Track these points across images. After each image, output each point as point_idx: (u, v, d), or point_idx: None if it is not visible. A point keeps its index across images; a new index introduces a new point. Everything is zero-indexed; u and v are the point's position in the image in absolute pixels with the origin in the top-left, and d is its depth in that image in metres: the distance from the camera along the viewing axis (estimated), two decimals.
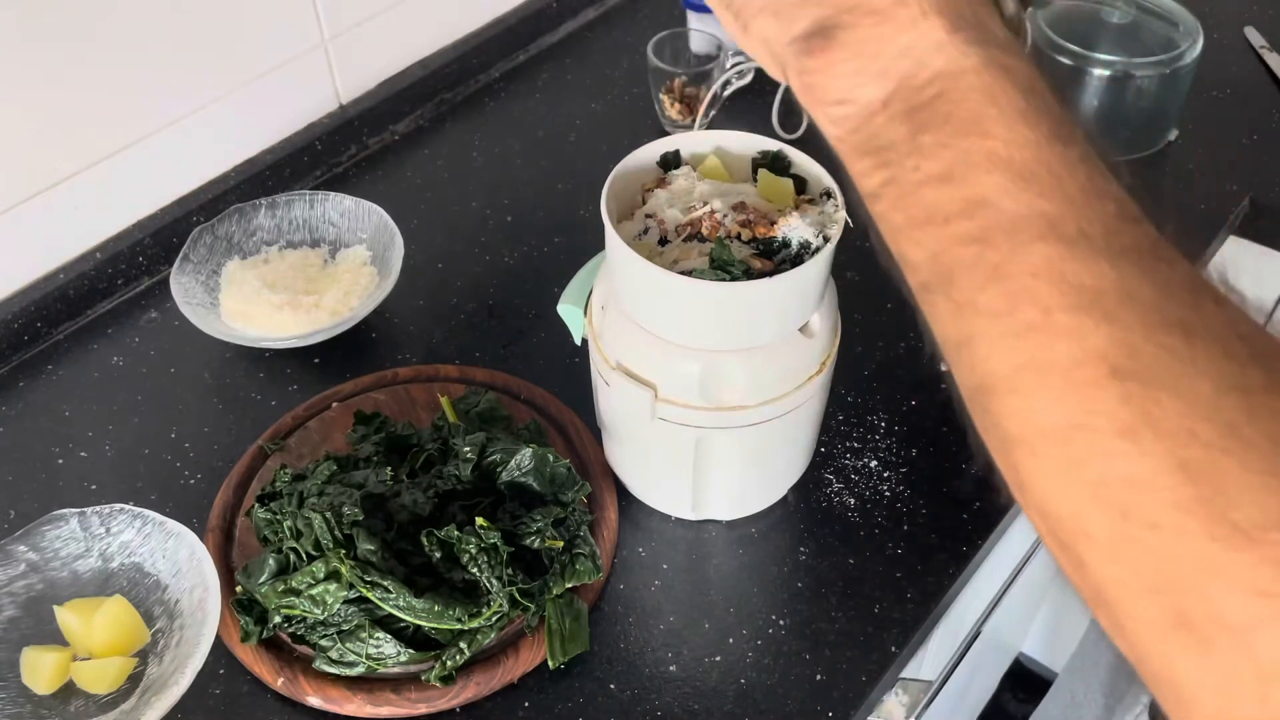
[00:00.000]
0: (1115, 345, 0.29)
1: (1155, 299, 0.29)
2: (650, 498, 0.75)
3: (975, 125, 0.32)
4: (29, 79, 0.79)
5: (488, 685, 0.65)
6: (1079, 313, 0.29)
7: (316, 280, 0.88)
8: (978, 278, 0.31)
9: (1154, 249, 0.31)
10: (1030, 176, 0.31)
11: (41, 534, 0.69)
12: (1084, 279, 0.30)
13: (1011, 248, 0.31)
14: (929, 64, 0.34)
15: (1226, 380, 0.27)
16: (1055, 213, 0.31)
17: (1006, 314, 0.31)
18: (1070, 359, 0.29)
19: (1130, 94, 0.97)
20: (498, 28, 1.12)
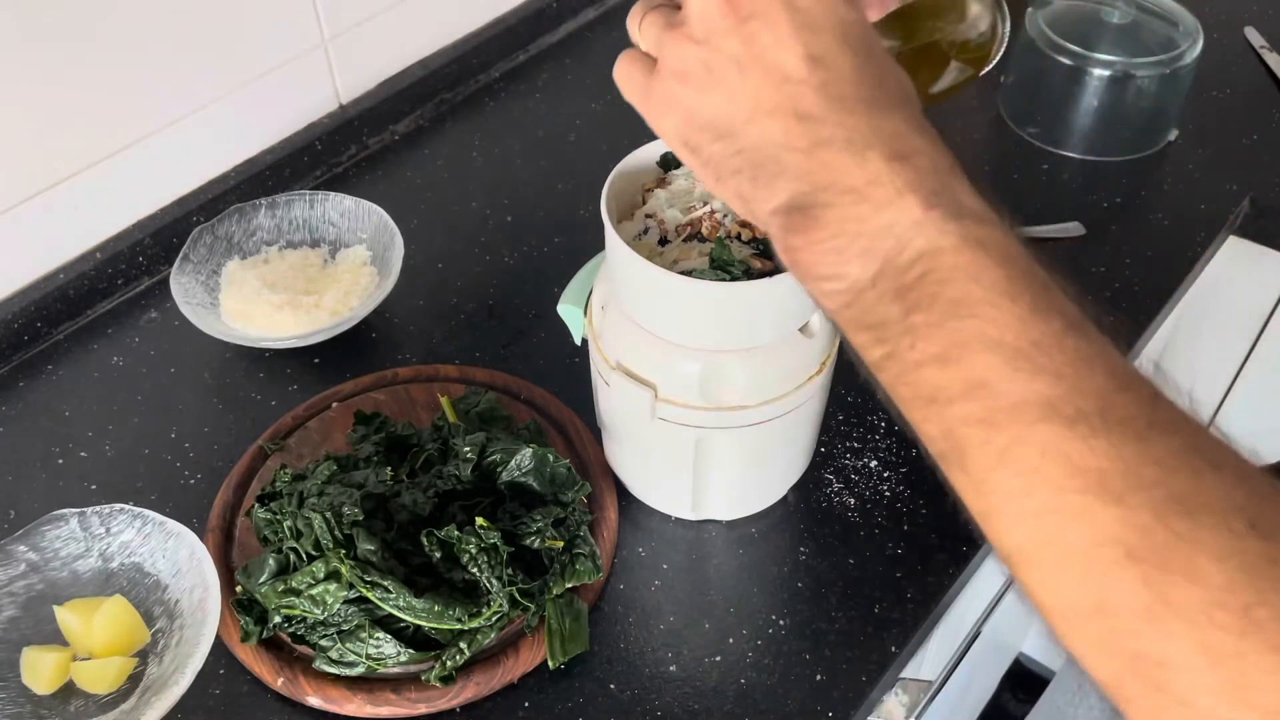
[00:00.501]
0: (1127, 529, 0.31)
1: (1157, 476, 0.31)
2: (650, 498, 0.75)
3: (963, 305, 0.34)
4: (29, 79, 0.79)
5: (488, 685, 0.65)
6: (1088, 494, 0.32)
7: (316, 280, 0.88)
8: (988, 459, 0.34)
9: (1148, 415, 0.33)
10: (1022, 356, 0.33)
11: (41, 534, 0.69)
12: (1088, 460, 0.32)
13: (1016, 430, 0.33)
14: (910, 242, 0.36)
15: (1233, 561, 0.30)
16: (1051, 393, 0.33)
17: (1021, 495, 0.33)
18: (1087, 541, 0.31)
19: (1130, 94, 0.97)
20: (498, 28, 1.12)
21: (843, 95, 0.38)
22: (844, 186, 0.37)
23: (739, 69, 0.40)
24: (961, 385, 0.34)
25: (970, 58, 0.58)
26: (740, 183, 0.40)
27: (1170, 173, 0.99)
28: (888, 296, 0.36)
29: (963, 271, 0.35)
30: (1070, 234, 0.93)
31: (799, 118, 0.38)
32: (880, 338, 0.37)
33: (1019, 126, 1.04)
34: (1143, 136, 1.01)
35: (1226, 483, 0.31)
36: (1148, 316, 0.86)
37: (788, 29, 0.39)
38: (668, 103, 0.42)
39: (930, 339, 0.35)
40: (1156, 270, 0.90)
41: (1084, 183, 0.99)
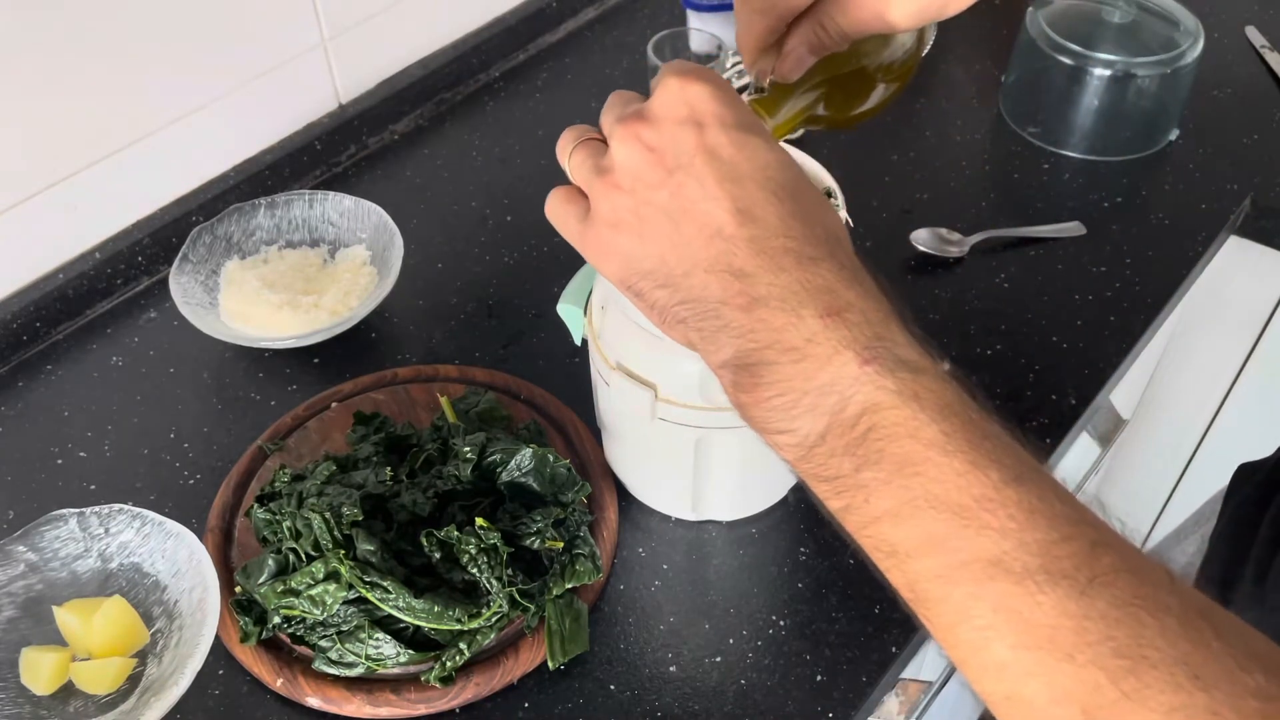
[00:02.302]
0: (1081, 686, 0.32)
1: (1102, 632, 0.32)
2: (650, 498, 0.75)
3: (908, 464, 0.36)
4: (28, 78, 0.79)
5: (487, 686, 0.65)
6: (1040, 651, 0.33)
7: (316, 280, 0.88)
8: (950, 614, 0.35)
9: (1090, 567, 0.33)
10: (967, 514, 0.35)
11: (40, 534, 0.69)
12: (1037, 616, 0.33)
13: (970, 588, 0.34)
14: (852, 398, 0.37)
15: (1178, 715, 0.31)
16: (997, 550, 0.34)
17: (982, 649, 0.35)
18: (1045, 699, 0.33)
19: (1131, 94, 0.97)
20: (498, 28, 1.12)
21: (772, 249, 0.39)
22: (784, 345, 0.38)
23: (671, 221, 0.41)
24: (915, 542, 0.36)
25: (895, 76, 0.59)
26: (688, 332, 0.42)
27: (1170, 173, 0.99)
28: (838, 452, 0.37)
29: (902, 428, 0.36)
30: (1070, 234, 0.93)
31: (734, 275, 0.40)
32: (837, 491, 0.38)
33: (1019, 126, 1.04)
34: (1143, 136, 1.01)
35: (1169, 633, 0.32)
36: (1148, 316, 0.86)
37: (713, 181, 0.40)
38: (605, 249, 0.43)
39: (882, 495, 0.36)
40: (1156, 270, 0.90)
41: (1084, 183, 0.99)
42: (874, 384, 0.37)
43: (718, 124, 0.41)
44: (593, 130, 0.46)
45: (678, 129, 0.41)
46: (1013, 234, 0.92)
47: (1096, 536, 0.35)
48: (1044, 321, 0.86)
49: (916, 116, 1.06)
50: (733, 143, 0.41)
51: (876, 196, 0.97)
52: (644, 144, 0.42)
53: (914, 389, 0.37)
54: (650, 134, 0.42)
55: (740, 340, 0.40)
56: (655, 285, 0.42)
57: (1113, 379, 0.83)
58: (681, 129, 0.41)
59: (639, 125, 0.42)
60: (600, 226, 0.44)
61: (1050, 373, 0.82)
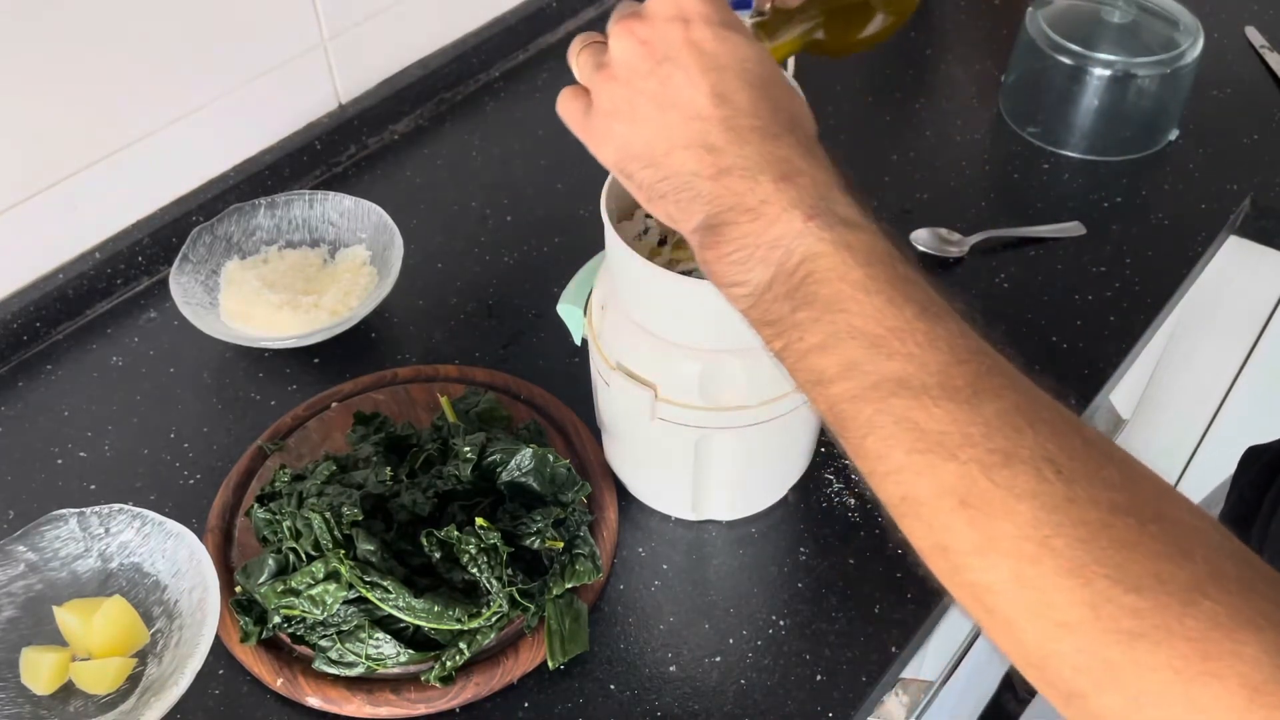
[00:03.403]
0: (960, 480, 0.37)
1: (983, 434, 0.38)
2: (650, 498, 0.75)
3: (835, 302, 0.41)
4: (28, 78, 0.79)
5: (487, 686, 0.65)
6: (930, 454, 0.38)
7: (316, 280, 0.88)
8: (860, 428, 0.40)
9: (978, 384, 0.39)
10: (881, 342, 0.40)
11: (41, 534, 0.69)
12: (930, 424, 0.38)
13: (877, 404, 0.40)
14: (795, 250, 0.42)
15: (1038, 500, 0.36)
16: (903, 371, 0.39)
17: (883, 457, 0.40)
18: (930, 493, 0.38)
19: (1130, 94, 0.97)
20: (498, 28, 1.12)
21: (741, 127, 0.45)
22: (743, 207, 0.44)
23: (658, 106, 0.46)
24: (837, 368, 0.41)
25: (894, 8, 0.60)
26: (667, 205, 0.47)
27: (1170, 173, 0.99)
28: (780, 297, 0.43)
29: (834, 273, 0.41)
30: (1070, 234, 0.93)
31: (707, 149, 0.45)
32: (777, 333, 0.43)
33: (1019, 126, 1.04)
34: (1143, 136, 1.01)
35: (1040, 436, 0.37)
36: (1148, 316, 0.86)
37: (696, 70, 0.45)
38: (603, 135, 0.49)
39: (812, 331, 0.42)
40: (1156, 270, 0.90)
41: (1084, 183, 0.99)
42: (814, 236, 0.42)
43: (702, 20, 0.46)
44: (599, 35, 0.51)
45: (666, 25, 0.46)
46: (1013, 234, 0.92)
47: (989, 362, 0.40)
48: (1044, 321, 0.86)
49: (916, 116, 1.06)
50: (715, 37, 0.46)
51: (876, 196, 0.97)
52: (637, 38, 0.47)
53: (847, 240, 0.42)
54: (642, 29, 0.47)
55: (709, 205, 0.45)
56: (643, 165, 0.47)
57: (1113, 379, 0.83)
58: (670, 25, 0.46)
59: (633, 22, 0.47)
60: (599, 116, 0.48)
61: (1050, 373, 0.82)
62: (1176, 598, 0.33)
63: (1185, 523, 0.36)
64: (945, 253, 0.91)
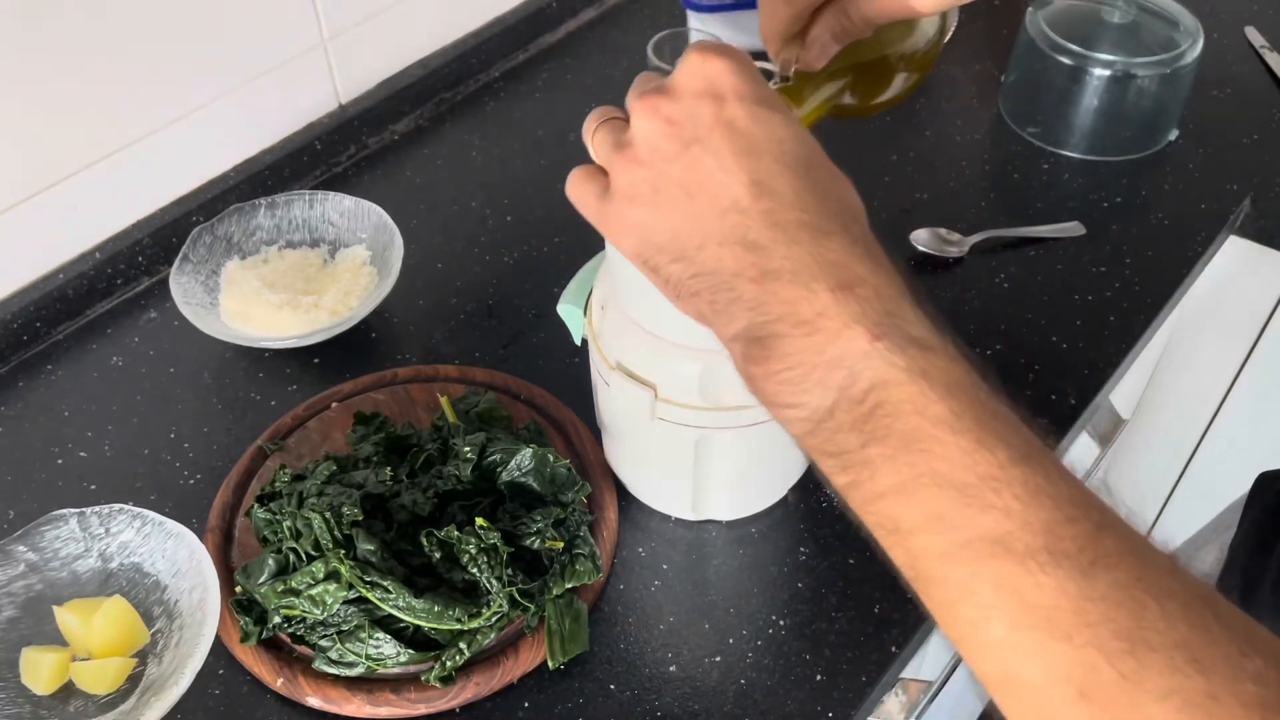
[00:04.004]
0: (1077, 667, 0.32)
1: (1103, 613, 0.32)
2: (650, 498, 0.75)
3: (914, 440, 0.36)
4: (27, 78, 0.79)
5: (487, 686, 0.65)
6: (1039, 631, 0.33)
7: (316, 280, 0.88)
8: (950, 592, 0.35)
9: (1093, 549, 0.34)
10: (971, 491, 0.35)
11: (41, 534, 0.69)
12: (1037, 597, 0.33)
13: (971, 566, 0.34)
14: (861, 374, 0.37)
15: (1175, 699, 0.31)
16: (1000, 529, 0.34)
17: (980, 627, 0.35)
18: (1042, 678, 0.33)
19: (1130, 94, 0.97)
20: (498, 28, 1.12)
21: (786, 223, 0.40)
22: (795, 319, 0.39)
23: (686, 194, 0.41)
24: (919, 519, 0.36)
25: (917, 64, 0.59)
26: (700, 305, 0.42)
27: (1170, 173, 0.99)
28: (845, 427, 0.38)
29: (910, 405, 0.36)
30: (1070, 234, 0.93)
31: (748, 247, 0.40)
32: (843, 466, 0.38)
33: (1019, 126, 1.04)
34: (1143, 136, 1.01)
35: (1170, 616, 0.32)
36: (1148, 316, 0.86)
37: (729, 155, 0.40)
38: (622, 223, 0.44)
39: (887, 472, 0.36)
40: (1156, 270, 0.90)
41: (1084, 183, 0.99)
42: (883, 360, 0.37)
43: (736, 98, 0.41)
44: (618, 110, 0.47)
45: (695, 102, 0.42)
46: (1012, 234, 0.92)
47: (1101, 519, 0.35)
48: (1044, 321, 0.86)
49: (916, 116, 1.06)
50: (750, 116, 0.41)
51: (876, 196, 0.97)
52: (662, 117, 0.42)
53: (923, 366, 0.37)
54: (669, 107, 0.42)
55: (752, 313, 0.40)
56: (670, 259, 0.42)
57: (1113, 379, 0.83)
58: (699, 102, 0.41)
59: (658, 99, 0.43)
60: (618, 201, 0.44)
61: (1050, 373, 0.82)
62: None
63: None
64: (945, 253, 0.91)
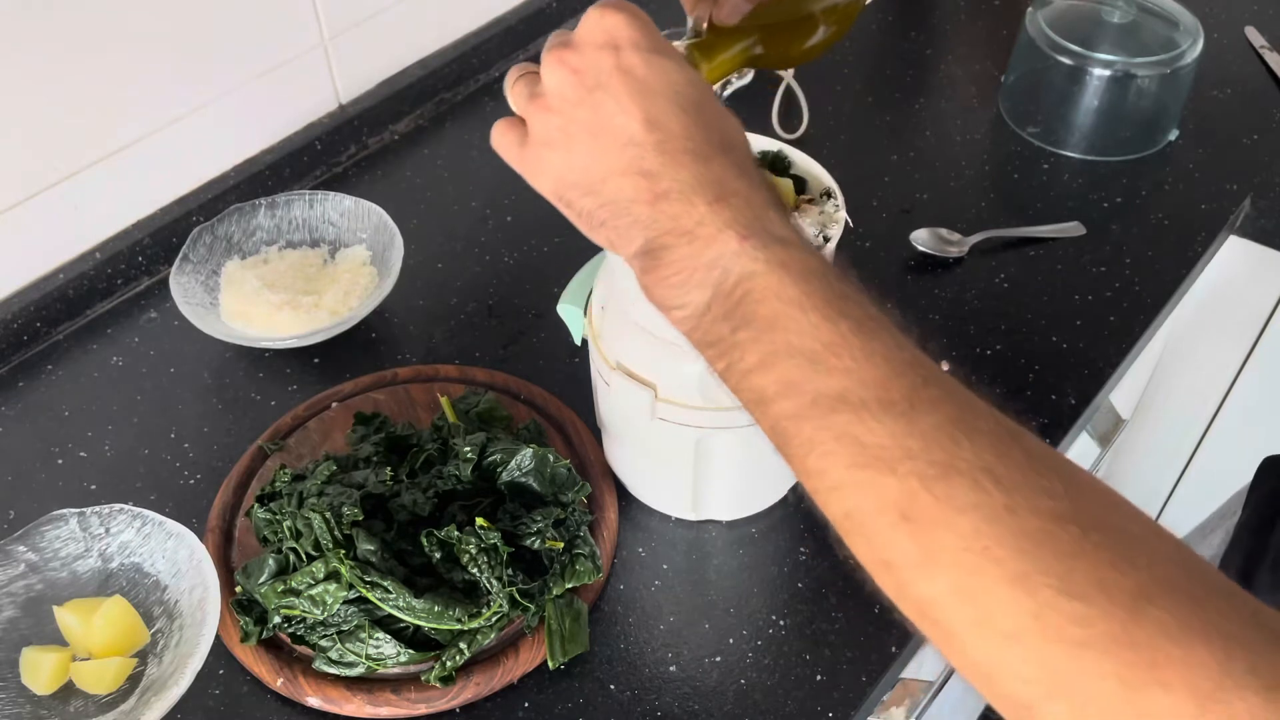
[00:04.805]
0: (901, 495, 0.37)
1: (920, 448, 0.37)
2: (650, 498, 0.75)
3: (773, 321, 0.41)
4: (28, 78, 0.79)
5: (487, 686, 0.65)
6: (869, 469, 0.38)
7: (316, 280, 0.88)
8: (802, 446, 0.40)
9: (914, 396, 0.39)
10: (817, 358, 0.40)
11: (41, 534, 0.69)
12: (869, 439, 0.38)
13: (817, 420, 0.40)
14: (732, 270, 0.43)
15: (978, 512, 0.36)
16: (840, 386, 0.39)
17: (825, 473, 0.40)
18: (872, 506, 0.38)
19: (1130, 94, 0.97)
20: (498, 28, 1.12)
21: (675, 150, 0.45)
22: (679, 230, 0.44)
23: (591, 135, 0.46)
24: (777, 386, 0.41)
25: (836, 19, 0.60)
26: (608, 232, 0.47)
27: (1170, 173, 0.99)
28: (719, 317, 0.43)
29: (770, 291, 0.42)
30: (1070, 234, 0.93)
31: (643, 175, 0.45)
32: (719, 353, 0.43)
33: (1019, 126, 1.04)
34: (1143, 136, 1.01)
35: (979, 447, 0.37)
36: (1148, 316, 0.86)
37: (627, 97, 0.45)
38: (539, 166, 0.49)
39: (752, 351, 0.42)
40: (1156, 270, 0.90)
41: (1084, 183, 0.99)
42: (750, 256, 0.42)
43: (632, 47, 0.46)
44: (532, 65, 0.51)
45: (597, 53, 0.46)
46: (1012, 234, 0.92)
47: (925, 374, 0.40)
48: (1044, 321, 0.86)
49: (916, 116, 1.06)
50: (645, 63, 0.46)
51: (876, 196, 0.97)
52: (568, 67, 0.47)
53: (782, 258, 0.42)
54: (573, 58, 0.47)
55: (646, 230, 0.45)
56: (581, 194, 0.48)
57: (1113, 379, 0.83)
58: (600, 52, 0.46)
59: (564, 51, 0.47)
60: (535, 146, 0.49)
61: (1050, 373, 0.82)
62: (1123, 606, 0.33)
63: (1131, 531, 0.36)
64: (945, 253, 0.91)
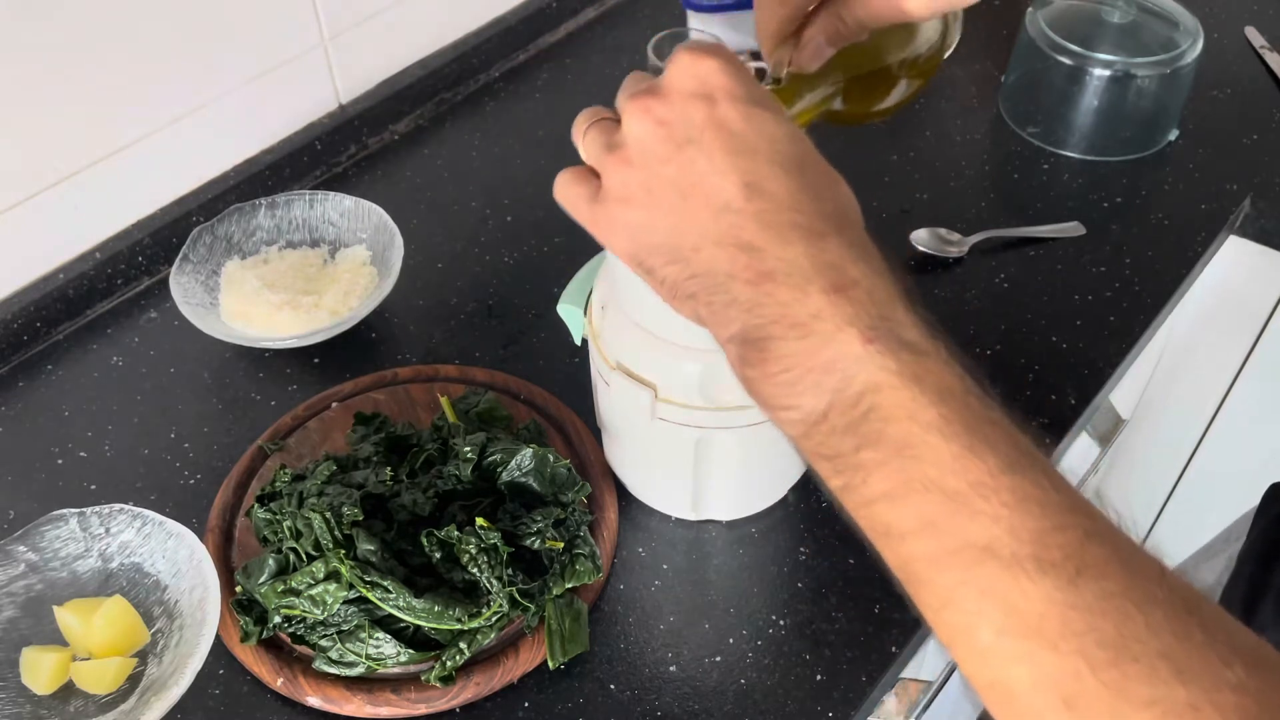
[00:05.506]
0: (1063, 675, 0.33)
1: (1087, 623, 0.33)
2: (650, 498, 0.75)
3: (906, 446, 0.36)
4: (27, 78, 0.79)
5: (487, 685, 0.65)
6: (1025, 639, 0.33)
7: (316, 280, 0.88)
8: (938, 596, 0.36)
9: (1080, 557, 0.34)
10: (960, 499, 0.35)
11: (41, 534, 0.69)
12: (1024, 604, 0.33)
13: (959, 573, 0.35)
14: (855, 377, 0.37)
15: (1157, 709, 0.31)
16: (988, 536, 0.34)
17: (968, 632, 0.35)
18: (1027, 685, 0.33)
19: (1130, 94, 0.97)
20: (498, 28, 1.12)
21: (780, 224, 0.40)
22: (790, 321, 0.39)
23: (680, 195, 0.41)
24: (910, 523, 0.36)
25: (918, 72, 0.57)
26: (697, 306, 0.42)
27: (1170, 173, 0.99)
28: (839, 430, 0.38)
29: (902, 410, 0.36)
30: (1070, 234, 0.93)
31: (742, 248, 0.40)
32: (837, 469, 0.38)
33: (1019, 126, 1.04)
34: (1143, 136, 1.01)
35: (1154, 626, 0.32)
36: (1148, 316, 0.86)
37: (722, 155, 0.40)
38: (615, 225, 0.44)
39: (879, 476, 0.37)
40: (1156, 270, 0.90)
41: (1084, 183, 0.99)
42: (876, 364, 0.37)
43: (728, 98, 0.41)
44: (608, 111, 0.47)
45: (687, 103, 0.41)
46: (1012, 234, 0.92)
47: (1090, 526, 0.35)
48: (1044, 321, 0.86)
49: (916, 116, 1.06)
50: (742, 116, 0.41)
51: (876, 196, 0.97)
52: (654, 118, 0.42)
53: (915, 370, 0.37)
54: (661, 108, 0.42)
55: (748, 315, 0.40)
56: (665, 261, 0.42)
57: (1113, 379, 0.83)
58: (691, 102, 0.41)
59: (650, 100, 0.42)
60: (611, 203, 0.43)
61: (1050, 373, 0.82)
62: None
63: None
64: (945, 253, 0.91)
